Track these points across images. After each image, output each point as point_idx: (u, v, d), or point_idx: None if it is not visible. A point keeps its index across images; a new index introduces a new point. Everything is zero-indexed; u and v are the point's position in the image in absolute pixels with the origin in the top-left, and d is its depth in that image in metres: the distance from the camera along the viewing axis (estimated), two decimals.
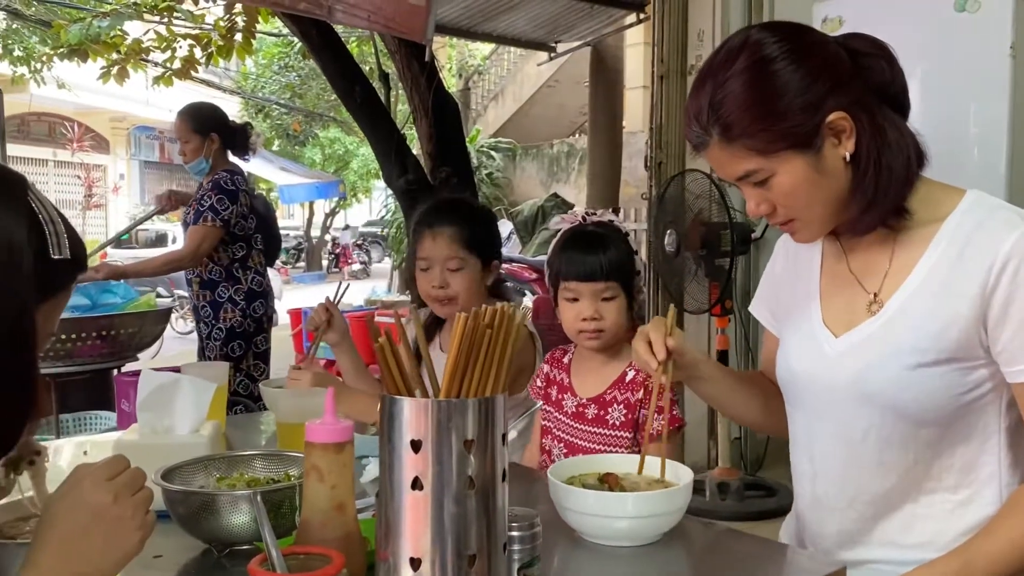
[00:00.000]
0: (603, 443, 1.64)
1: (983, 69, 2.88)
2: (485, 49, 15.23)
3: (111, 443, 1.58)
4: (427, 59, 5.46)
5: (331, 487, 0.98)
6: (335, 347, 1.97)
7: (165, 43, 6.66)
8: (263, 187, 18.35)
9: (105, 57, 6.55)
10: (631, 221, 9.33)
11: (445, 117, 6.57)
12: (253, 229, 3.40)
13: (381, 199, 16.21)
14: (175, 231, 13.34)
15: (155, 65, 7.15)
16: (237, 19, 6.45)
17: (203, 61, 6.70)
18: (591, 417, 1.67)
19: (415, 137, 6.97)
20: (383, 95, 6.81)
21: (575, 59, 10.81)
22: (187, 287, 3.43)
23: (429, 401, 0.86)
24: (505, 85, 15.34)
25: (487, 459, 0.87)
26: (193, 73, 6.79)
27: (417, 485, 0.85)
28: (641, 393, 1.62)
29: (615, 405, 1.65)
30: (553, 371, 1.78)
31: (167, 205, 3.65)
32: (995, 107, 2.84)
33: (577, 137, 14.29)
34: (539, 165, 13.82)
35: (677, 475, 1.25)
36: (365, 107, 6.19)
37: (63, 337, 2.60)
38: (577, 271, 1.65)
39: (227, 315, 3.29)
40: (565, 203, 11.31)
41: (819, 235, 1.21)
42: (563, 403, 1.72)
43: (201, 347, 3.39)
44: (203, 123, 3.36)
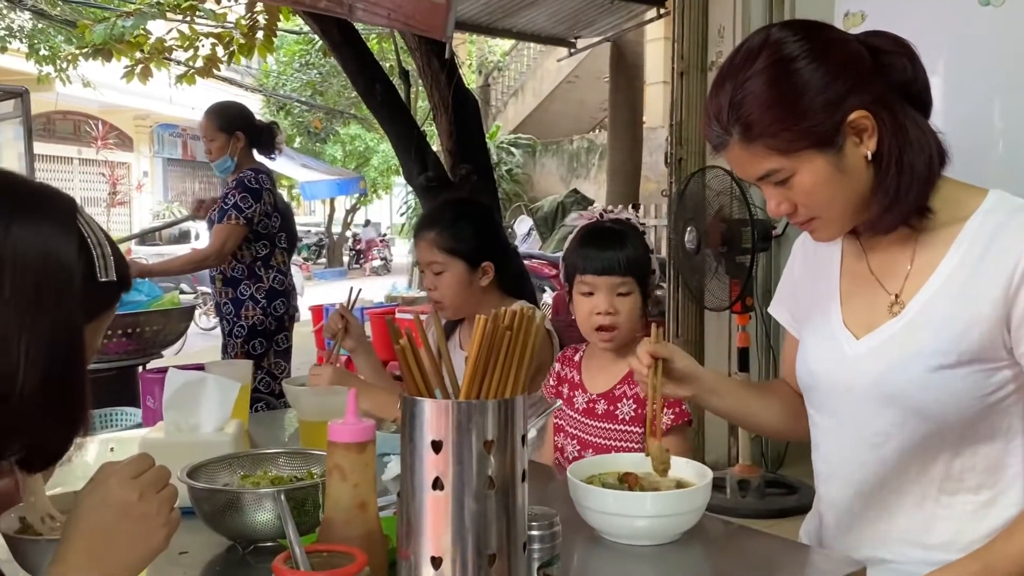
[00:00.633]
0: (614, 438, 1.66)
1: (1008, 63, 2.85)
2: (505, 45, 15.22)
3: (137, 440, 1.61)
4: (447, 56, 5.47)
5: (353, 486, 1.00)
6: (353, 352, 2.00)
7: (188, 42, 6.72)
8: (284, 184, 18.48)
9: (129, 56, 6.62)
10: (651, 217, 9.30)
11: (465, 114, 6.58)
12: (277, 228, 3.43)
13: (401, 195, 16.25)
14: (197, 228, 13.46)
15: (178, 64, 7.22)
16: (259, 17, 6.50)
17: (225, 59, 6.76)
18: (601, 413, 1.68)
19: (435, 134, 6.99)
20: (403, 92, 6.83)
21: (595, 54, 10.79)
22: (210, 284, 3.47)
23: (449, 402, 0.87)
24: (525, 81, 15.33)
25: (507, 459, 0.88)
26: (215, 71, 6.85)
27: (438, 485, 0.87)
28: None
29: (624, 400, 1.66)
30: (564, 369, 1.80)
31: (201, 213, 3.67)
32: (1020, 101, 2.81)
33: (597, 133, 14.25)
34: (559, 161, 13.80)
35: (696, 474, 1.26)
36: (385, 105, 6.21)
37: None
38: (593, 265, 1.66)
39: (248, 313, 3.33)
40: (585, 199, 11.28)
41: (839, 234, 1.20)
42: (574, 400, 1.73)
43: (223, 343, 3.43)
44: (229, 122, 3.39)
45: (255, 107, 17.63)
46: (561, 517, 1.07)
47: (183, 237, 14.12)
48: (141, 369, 3.05)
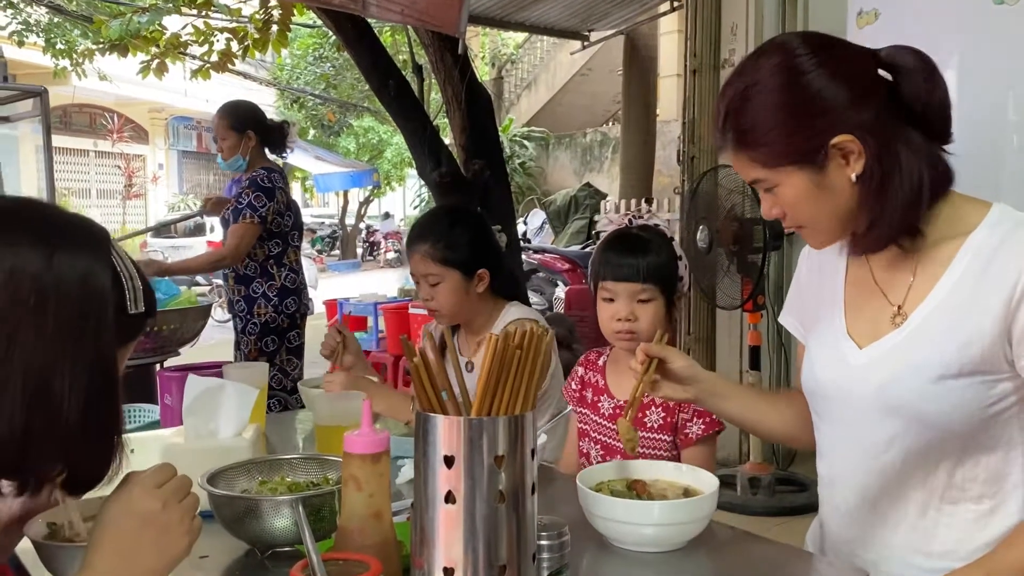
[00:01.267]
0: (641, 445, 1.65)
1: (1022, 61, 2.85)
2: (518, 38, 15.19)
3: (156, 441, 1.64)
4: (460, 52, 5.49)
5: (368, 495, 1.03)
6: (350, 369, 2.00)
7: (203, 37, 6.76)
8: (298, 176, 18.55)
9: (145, 51, 6.67)
10: (664, 211, 9.29)
11: (478, 109, 6.59)
12: (290, 226, 3.46)
13: (415, 188, 16.30)
14: (212, 221, 13.52)
15: (193, 59, 7.26)
16: (273, 12, 6.53)
17: (240, 54, 6.80)
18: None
19: (447, 126, 7.01)
20: (416, 87, 6.86)
21: (608, 47, 10.76)
22: (223, 281, 3.51)
23: (461, 419, 0.90)
24: (538, 74, 15.31)
25: (517, 474, 0.91)
26: (230, 66, 6.89)
27: (450, 499, 0.90)
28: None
29: (652, 408, 1.66)
30: (588, 373, 1.80)
31: (212, 210, 3.71)
32: None
33: (610, 126, 14.23)
34: (572, 154, 13.79)
35: (703, 483, 1.28)
36: (399, 101, 6.23)
37: None
38: (614, 272, 1.67)
39: (260, 310, 3.37)
40: (598, 192, 11.27)
41: (829, 242, 1.23)
42: (599, 405, 1.74)
43: (236, 340, 3.47)
44: (240, 121, 3.42)
45: (269, 100, 17.74)
46: (572, 520, 1.10)
47: (198, 230, 14.21)
48: (158, 367, 3.09)
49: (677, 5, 7.47)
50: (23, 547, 1.15)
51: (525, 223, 11.24)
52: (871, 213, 1.13)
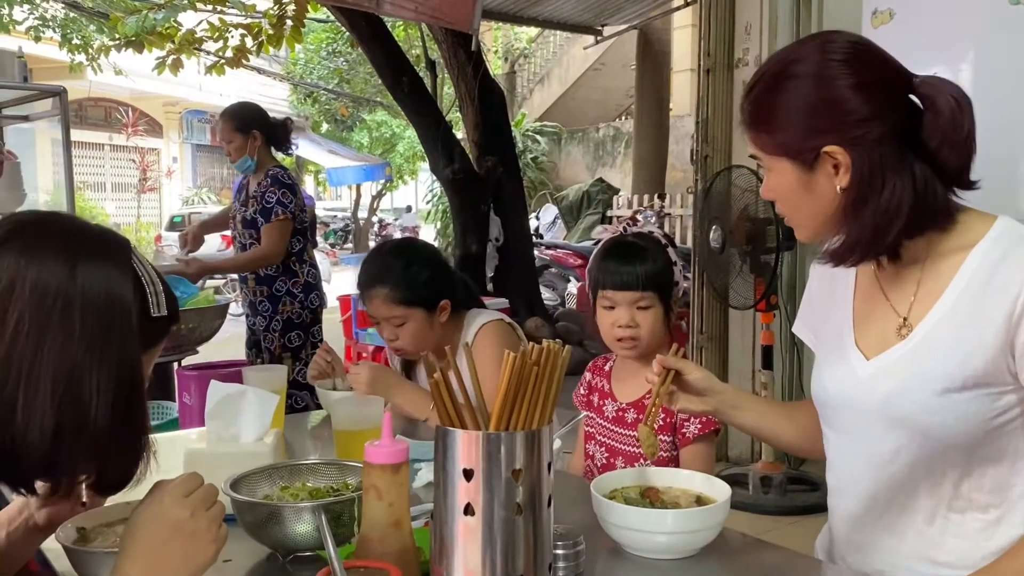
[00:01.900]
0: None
1: None
2: (531, 32, 15.19)
3: (177, 442, 1.68)
4: (473, 48, 5.51)
5: (388, 504, 1.06)
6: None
7: (217, 33, 6.80)
8: (311, 169, 18.61)
9: (160, 47, 6.71)
10: (676, 207, 9.28)
11: (491, 105, 6.62)
12: (307, 223, 3.50)
13: (427, 182, 16.33)
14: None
15: (208, 54, 7.30)
16: (287, 8, 6.55)
17: (254, 50, 6.83)
18: (631, 421, 1.72)
19: (459, 120, 7.03)
20: (429, 83, 6.88)
21: (622, 41, 10.75)
22: (240, 283, 3.55)
23: (480, 433, 0.93)
24: (551, 68, 15.29)
25: (534, 486, 0.94)
26: (244, 62, 6.93)
27: (469, 511, 0.92)
28: None
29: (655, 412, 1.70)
30: (595, 378, 1.84)
31: (193, 246, 3.69)
32: None
33: (623, 120, 14.20)
34: (585, 149, 13.78)
35: (716, 491, 1.30)
36: (412, 97, 6.27)
37: None
38: (613, 280, 1.71)
39: (285, 308, 3.41)
40: (610, 188, 11.27)
41: (811, 239, 1.26)
42: (604, 409, 1.78)
43: (256, 339, 3.51)
44: (244, 122, 3.45)
45: (282, 95, 17.77)
46: (585, 525, 1.12)
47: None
48: (177, 366, 3.13)
49: (691, 0, 7.45)
50: (50, 547, 1.19)
51: (537, 218, 11.25)
52: (848, 229, 1.17)
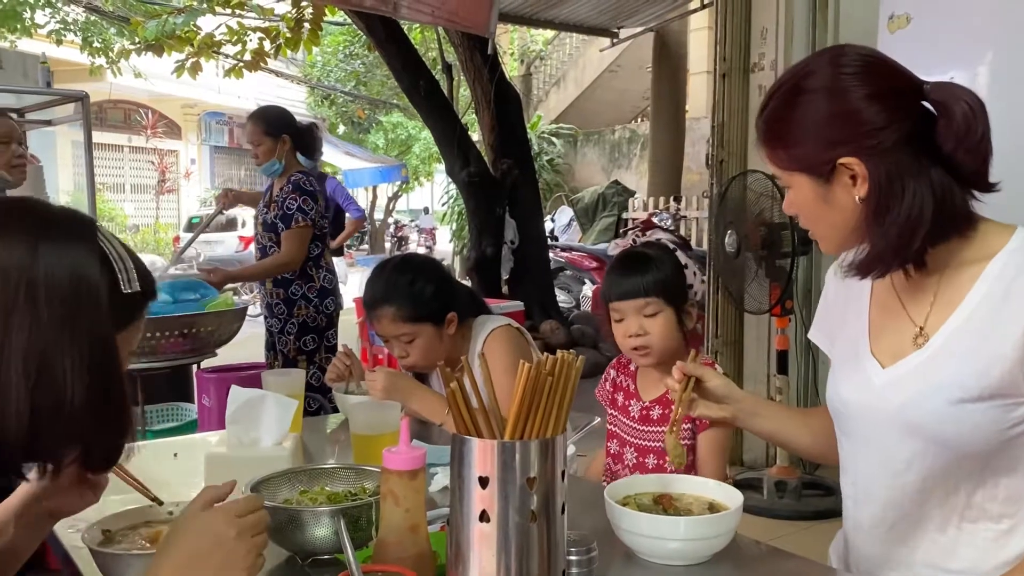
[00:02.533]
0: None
1: None
2: (547, 34, 15.20)
3: (199, 446, 1.71)
4: (490, 52, 5.53)
5: (405, 510, 1.08)
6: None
7: (236, 36, 6.86)
8: (328, 171, 18.65)
9: (179, 51, 6.78)
10: (692, 209, 9.27)
11: (507, 109, 6.65)
12: (327, 229, 3.54)
13: (443, 183, 16.37)
14: (244, 215, 13.67)
15: (226, 57, 7.37)
16: (305, 12, 6.61)
17: (272, 53, 6.89)
18: (656, 418, 1.76)
19: (475, 122, 7.06)
20: (445, 86, 6.92)
21: (638, 43, 10.73)
22: (259, 285, 3.59)
23: (495, 442, 0.94)
24: (567, 70, 15.30)
25: (548, 494, 0.96)
26: (262, 64, 6.99)
27: (484, 517, 0.94)
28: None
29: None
30: (620, 377, 1.87)
31: (226, 204, 3.79)
32: None
33: (639, 123, 14.20)
34: (600, 151, 13.78)
35: (728, 497, 1.32)
36: (428, 101, 6.30)
37: (148, 335, 2.77)
38: (617, 291, 1.75)
39: (300, 311, 3.45)
40: (626, 190, 11.26)
41: (836, 250, 1.27)
42: (629, 409, 1.81)
43: (272, 341, 3.55)
44: (275, 126, 3.48)
45: (300, 97, 17.87)
46: (598, 532, 1.13)
47: (230, 225, 14.38)
48: (196, 368, 3.17)
49: (707, 2, 7.44)
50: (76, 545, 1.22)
51: (552, 220, 11.26)
52: (871, 240, 1.17)
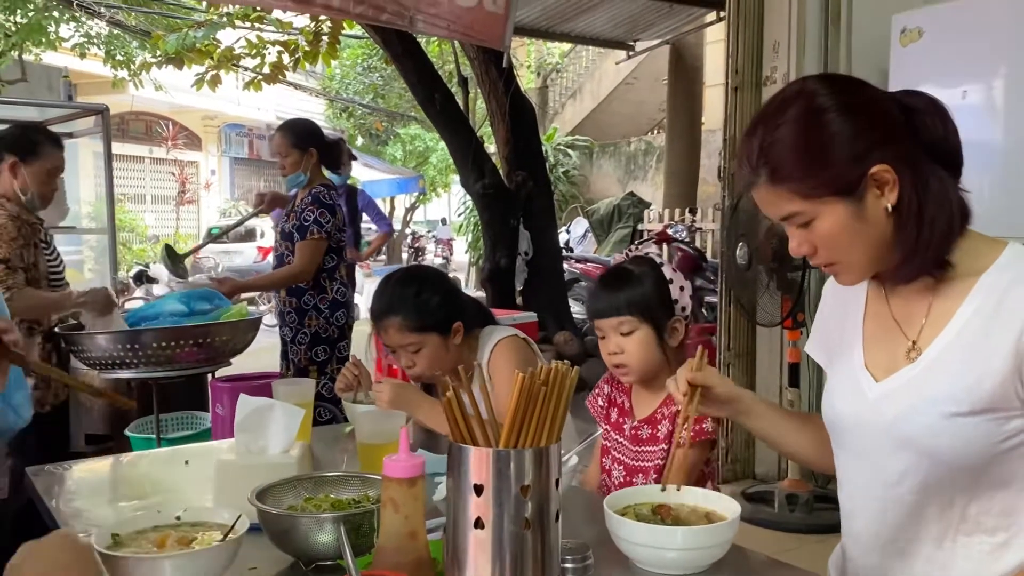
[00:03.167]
0: (657, 458, 1.73)
1: None
2: (564, 47, 15.28)
3: (209, 454, 1.74)
4: (504, 65, 5.58)
5: (405, 517, 1.10)
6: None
7: (255, 50, 6.96)
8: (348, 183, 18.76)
9: (199, 64, 6.88)
10: (708, 221, 9.26)
11: (522, 122, 6.69)
12: (344, 241, 3.57)
13: (460, 194, 16.44)
14: (262, 226, 13.79)
15: (246, 70, 7.46)
16: (323, 26, 6.69)
17: (291, 66, 6.98)
18: (645, 438, 1.76)
19: (491, 135, 7.11)
20: (461, 99, 6.98)
21: (654, 56, 10.77)
22: (275, 294, 3.62)
23: (490, 450, 0.97)
24: (583, 83, 15.36)
25: (542, 502, 0.98)
26: (281, 77, 7.08)
27: (479, 524, 0.96)
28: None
29: (663, 422, 1.74)
30: (614, 392, 1.87)
31: (265, 207, 3.83)
32: None
33: (655, 135, 14.21)
34: (616, 163, 13.81)
35: (725, 508, 1.33)
36: (444, 114, 6.36)
37: (163, 344, 2.80)
38: (594, 309, 1.77)
39: (312, 321, 3.48)
40: (641, 202, 11.28)
41: (861, 279, 1.26)
42: (623, 426, 1.81)
43: (284, 350, 3.58)
44: (303, 138, 3.52)
45: (319, 110, 18.02)
46: (598, 541, 1.15)
47: (248, 235, 14.50)
48: (211, 377, 3.21)
49: (723, 15, 7.45)
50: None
51: (568, 231, 11.29)
52: (907, 243, 1.16)
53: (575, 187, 13.61)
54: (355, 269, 5.95)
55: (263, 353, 4.47)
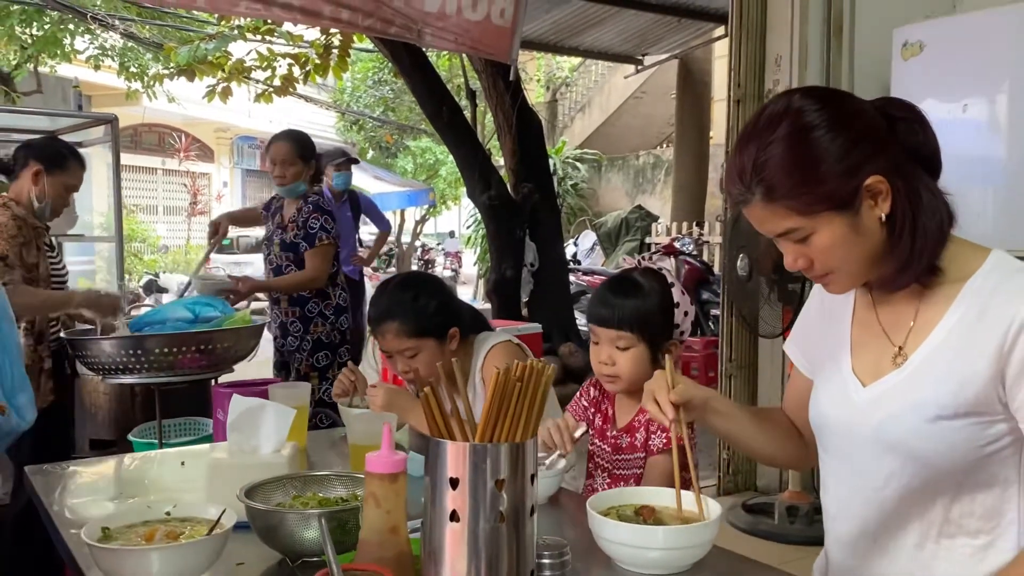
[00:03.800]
0: (635, 466, 1.75)
1: None
2: (573, 61, 15.35)
3: (205, 455, 1.77)
4: (511, 79, 5.62)
5: (386, 512, 1.12)
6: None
7: (266, 62, 7.03)
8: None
9: (211, 76, 6.95)
10: (715, 235, 9.27)
11: (529, 135, 6.73)
12: (339, 248, 3.62)
13: (469, 206, 16.51)
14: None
15: (257, 83, 7.54)
16: (333, 39, 6.75)
17: (301, 79, 7.04)
18: (625, 446, 1.78)
19: (498, 148, 7.16)
20: (469, 112, 7.02)
21: (663, 70, 10.81)
22: (273, 305, 3.65)
23: (467, 444, 0.99)
24: (592, 96, 15.42)
25: (517, 496, 1.00)
26: (291, 90, 7.15)
27: (455, 517, 0.98)
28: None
29: (640, 429, 1.76)
30: (600, 397, 1.88)
31: (220, 236, 3.84)
32: None
33: (663, 148, 14.25)
34: (624, 176, 13.84)
35: (707, 510, 1.34)
36: (452, 127, 6.40)
37: (167, 350, 2.83)
38: (596, 315, 1.76)
39: (317, 328, 3.52)
40: (649, 215, 11.30)
41: (852, 287, 1.28)
42: (606, 433, 1.82)
43: (285, 361, 3.61)
44: (307, 151, 3.61)
45: (329, 123, 18.13)
46: (581, 543, 1.16)
47: (258, 246, 14.56)
48: (213, 383, 3.24)
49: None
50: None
51: (576, 244, 11.31)
52: (902, 251, 1.18)
53: (583, 200, 13.64)
54: (364, 277, 5.98)
55: (267, 363, 4.50)
